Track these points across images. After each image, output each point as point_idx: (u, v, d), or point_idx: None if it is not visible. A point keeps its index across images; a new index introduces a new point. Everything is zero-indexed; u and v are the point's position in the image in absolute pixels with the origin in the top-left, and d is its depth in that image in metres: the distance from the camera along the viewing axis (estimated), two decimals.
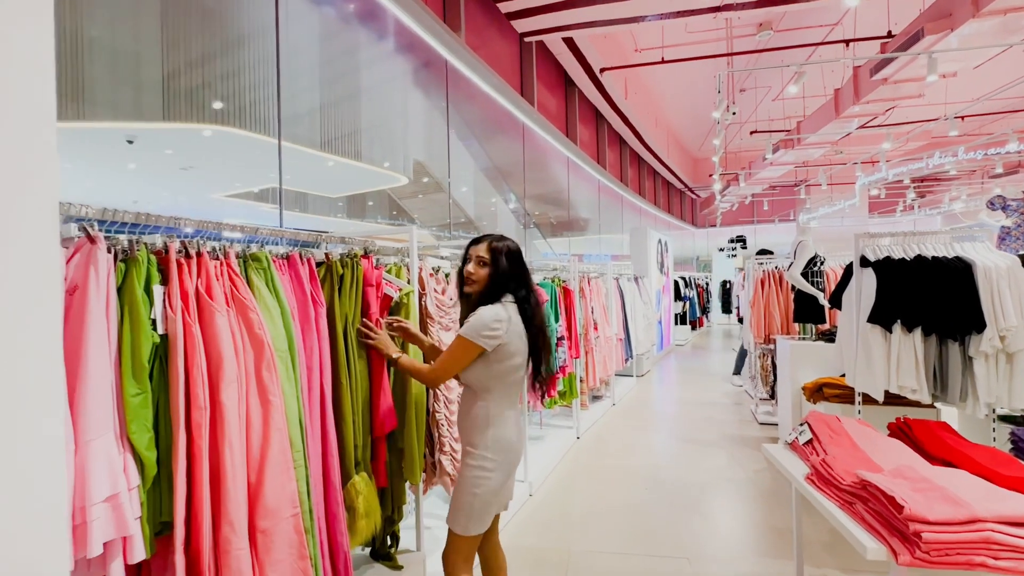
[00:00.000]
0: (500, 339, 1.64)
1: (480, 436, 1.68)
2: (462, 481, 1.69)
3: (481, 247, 1.74)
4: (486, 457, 1.66)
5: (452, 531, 1.69)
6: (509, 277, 1.72)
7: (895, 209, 14.15)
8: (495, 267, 1.71)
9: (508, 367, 1.67)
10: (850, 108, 6.23)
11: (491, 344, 1.63)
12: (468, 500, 1.65)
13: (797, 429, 2.04)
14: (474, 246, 1.77)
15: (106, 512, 1.06)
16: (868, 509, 1.41)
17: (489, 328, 1.63)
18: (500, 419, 1.69)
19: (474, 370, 1.68)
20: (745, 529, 2.99)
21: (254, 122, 3.20)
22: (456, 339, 1.65)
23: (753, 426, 5.14)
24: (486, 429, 1.67)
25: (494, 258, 1.72)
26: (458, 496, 1.68)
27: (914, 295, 2.70)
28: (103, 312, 1.10)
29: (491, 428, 1.68)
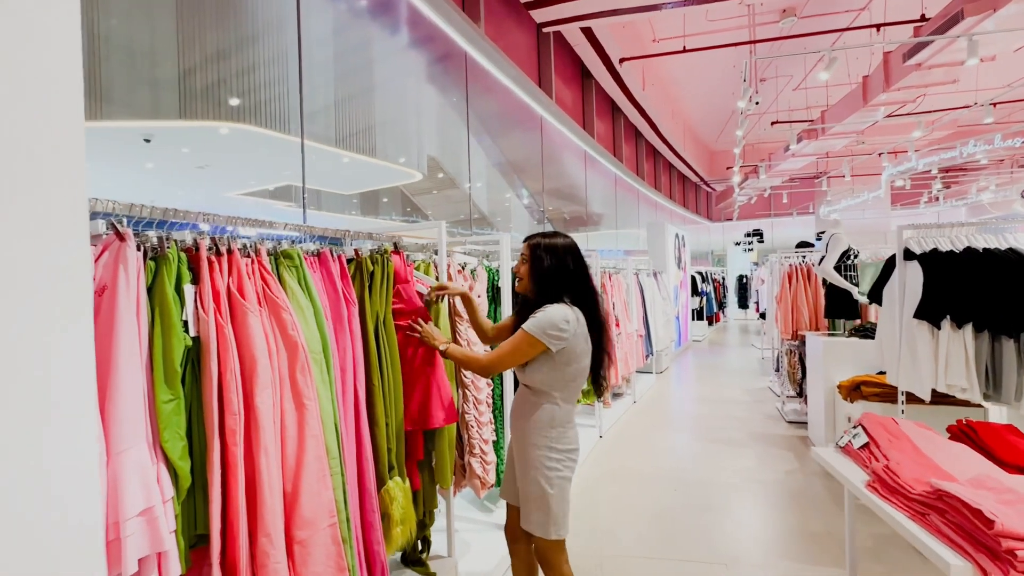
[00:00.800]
0: (565, 342, 1.60)
1: (546, 437, 1.64)
2: (532, 485, 1.63)
3: (524, 245, 1.75)
4: (553, 458, 1.64)
5: (544, 539, 1.64)
6: (556, 275, 1.67)
7: (919, 201, 13.77)
8: (534, 263, 1.69)
9: (575, 370, 1.65)
10: (879, 96, 6.01)
11: (556, 345, 1.59)
12: (545, 502, 1.62)
13: (850, 432, 1.93)
14: (524, 244, 1.76)
15: (140, 527, 1.00)
16: (946, 521, 1.30)
17: (556, 328, 1.58)
18: (566, 419, 1.68)
19: (540, 371, 1.63)
20: (782, 534, 2.88)
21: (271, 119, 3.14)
22: (520, 333, 1.60)
23: (780, 424, 5.00)
24: (551, 430, 1.65)
25: (533, 255, 1.70)
26: (532, 500, 1.64)
27: (964, 289, 2.56)
28: (133, 314, 1.03)
29: (557, 428, 1.65)
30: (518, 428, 1.71)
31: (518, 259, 1.77)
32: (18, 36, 0.68)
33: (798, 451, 4.22)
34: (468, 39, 4.13)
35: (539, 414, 1.65)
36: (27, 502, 0.68)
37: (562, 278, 1.67)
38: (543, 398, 1.66)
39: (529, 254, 1.71)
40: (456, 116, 5.05)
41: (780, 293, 5.27)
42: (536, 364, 1.63)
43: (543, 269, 1.67)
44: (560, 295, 1.66)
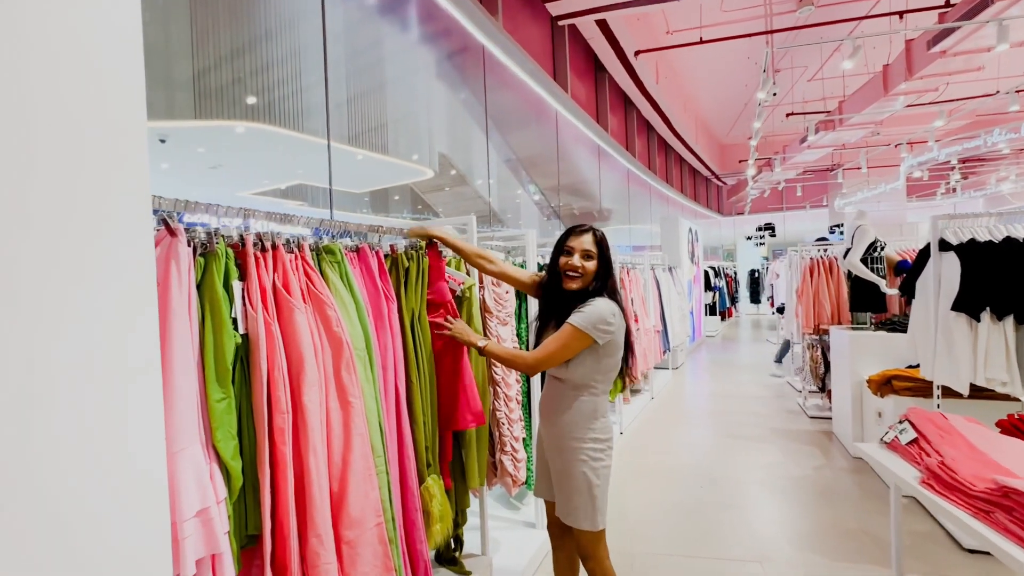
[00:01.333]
0: (612, 335, 1.60)
1: (588, 429, 1.64)
2: (578, 478, 1.62)
3: (586, 239, 1.66)
4: (598, 448, 1.64)
5: (586, 531, 1.63)
6: (611, 271, 1.69)
7: (935, 192, 13.54)
8: (603, 260, 1.66)
9: (615, 362, 1.66)
10: (900, 85, 5.89)
11: (603, 339, 1.58)
12: (591, 493, 1.61)
13: (896, 427, 1.88)
14: (575, 237, 1.67)
15: (197, 528, 0.98)
16: (1014, 520, 1.26)
17: (605, 323, 1.57)
18: (605, 409, 1.69)
19: (583, 365, 1.61)
20: (815, 530, 2.83)
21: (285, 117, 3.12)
22: (568, 328, 1.57)
23: (802, 420, 4.94)
24: (594, 421, 1.65)
25: (601, 251, 1.67)
26: (575, 493, 1.63)
27: (1005, 280, 2.49)
28: (186, 310, 1.01)
29: (600, 419, 1.66)
30: (556, 423, 1.68)
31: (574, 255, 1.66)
32: (89, 38, 0.66)
33: (823, 447, 4.16)
34: (486, 33, 4.08)
35: (580, 407, 1.64)
36: (102, 500, 0.66)
37: (610, 271, 1.69)
38: (583, 391, 1.64)
39: (598, 251, 1.66)
40: (467, 113, 5.00)
41: (801, 287, 5.18)
42: (579, 358, 1.61)
43: (608, 264, 1.67)
44: (603, 291, 1.65)
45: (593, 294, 1.63)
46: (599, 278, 1.65)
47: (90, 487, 0.65)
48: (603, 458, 1.64)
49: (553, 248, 1.74)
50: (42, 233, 0.61)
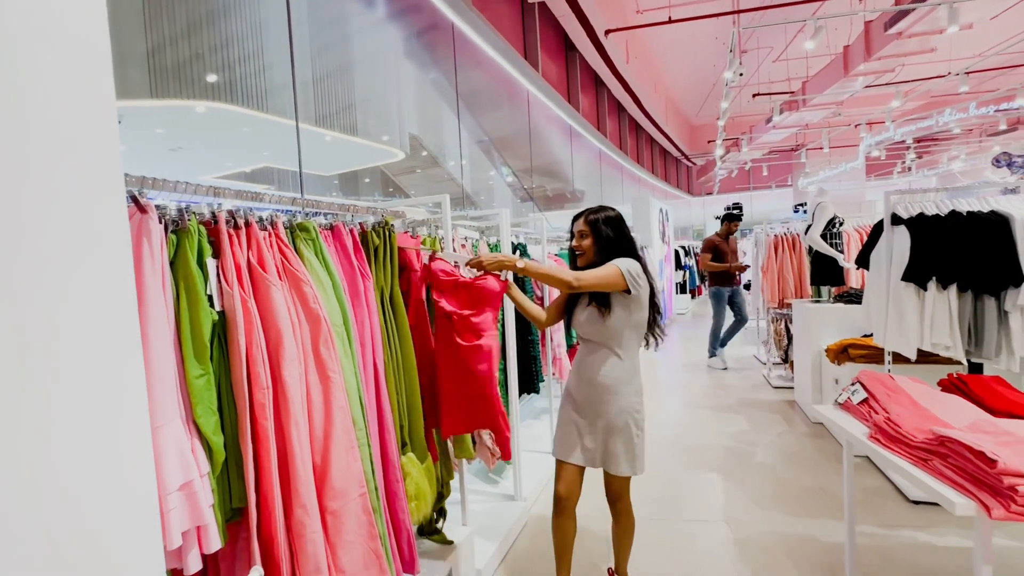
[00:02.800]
0: (640, 288, 1.80)
1: (631, 384, 1.84)
2: (625, 431, 1.81)
3: (579, 222, 1.91)
4: (639, 401, 1.85)
5: (626, 477, 1.86)
6: (616, 242, 1.87)
7: (892, 171, 14.11)
8: (596, 235, 1.87)
9: (641, 318, 1.85)
10: (859, 66, 6.08)
11: (635, 288, 1.78)
12: (634, 442, 1.82)
13: (848, 389, 2.01)
14: (575, 222, 1.93)
15: (181, 501, 0.99)
16: (948, 465, 1.38)
17: (637, 272, 1.79)
18: (638, 366, 1.89)
19: (618, 317, 1.80)
20: (778, 491, 3.01)
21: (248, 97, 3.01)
22: (610, 266, 1.77)
23: (767, 390, 5.17)
24: (634, 376, 1.86)
25: (593, 228, 1.88)
26: (620, 442, 1.82)
27: (950, 251, 2.65)
28: (160, 288, 1.01)
29: (637, 375, 1.87)
30: (596, 384, 1.83)
31: (574, 237, 1.92)
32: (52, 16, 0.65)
33: (786, 414, 4.38)
34: (456, 9, 4.02)
35: (621, 365, 1.83)
36: (90, 471, 0.67)
37: (622, 243, 1.87)
38: (619, 349, 1.83)
39: (589, 229, 1.88)
40: (438, 93, 4.93)
41: (766, 263, 5.38)
42: (615, 311, 1.80)
43: (607, 239, 1.86)
44: (616, 256, 1.85)
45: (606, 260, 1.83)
46: (601, 252, 1.86)
47: (79, 464, 0.66)
48: (642, 410, 1.86)
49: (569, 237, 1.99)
50: (14, 211, 0.61)
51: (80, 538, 0.66)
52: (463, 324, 1.82)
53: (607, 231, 1.86)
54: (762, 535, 2.52)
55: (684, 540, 2.51)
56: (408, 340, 1.79)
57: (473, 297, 1.82)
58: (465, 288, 1.83)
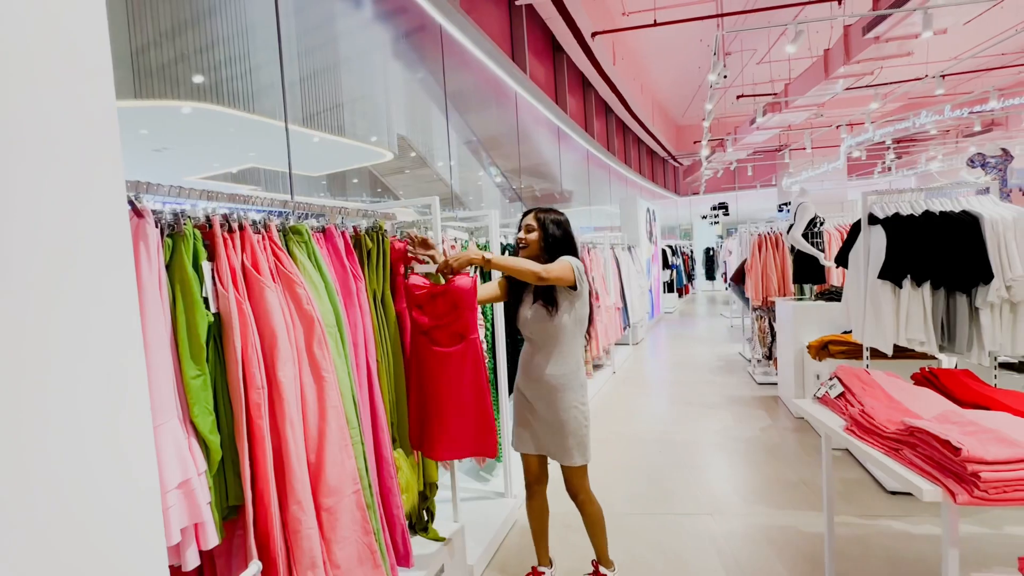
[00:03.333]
0: (584, 284, 1.89)
1: (576, 378, 1.94)
2: (569, 422, 1.92)
3: (529, 216, 2.01)
4: (582, 395, 1.96)
5: (575, 467, 1.95)
6: (562, 242, 1.97)
7: (873, 171, 14.42)
8: (544, 231, 1.96)
9: (585, 313, 1.96)
10: (839, 69, 6.22)
11: (580, 284, 1.87)
12: (582, 433, 1.94)
13: (826, 384, 2.08)
14: (525, 216, 2.02)
15: (179, 499, 1.02)
16: (917, 454, 1.45)
17: (581, 270, 1.89)
18: (581, 361, 1.99)
19: (566, 313, 1.91)
20: (760, 484, 3.09)
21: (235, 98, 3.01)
22: (563, 261, 1.85)
23: (751, 386, 5.28)
24: (579, 370, 1.96)
25: (542, 224, 1.97)
26: (570, 436, 1.93)
27: (923, 250, 2.74)
28: (156, 291, 1.03)
29: (580, 370, 1.97)
30: (542, 380, 1.93)
31: (521, 229, 2.01)
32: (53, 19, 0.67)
33: (770, 409, 4.48)
34: (443, 11, 4.05)
35: (567, 361, 1.93)
36: (94, 468, 0.70)
37: (566, 244, 1.98)
38: (564, 346, 1.92)
39: (537, 224, 1.97)
40: (426, 94, 4.94)
41: (751, 261, 5.49)
42: (562, 307, 1.89)
43: (553, 237, 1.96)
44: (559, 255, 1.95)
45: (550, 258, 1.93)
46: (546, 248, 1.96)
47: (82, 462, 0.68)
48: (587, 402, 1.98)
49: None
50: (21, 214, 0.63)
51: (84, 534, 0.69)
52: (445, 332, 1.82)
53: (554, 230, 1.96)
54: (746, 527, 2.59)
55: (671, 533, 2.57)
56: (398, 340, 1.82)
57: (449, 302, 1.81)
58: (441, 295, 1.83)
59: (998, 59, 8.74)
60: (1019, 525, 2.46)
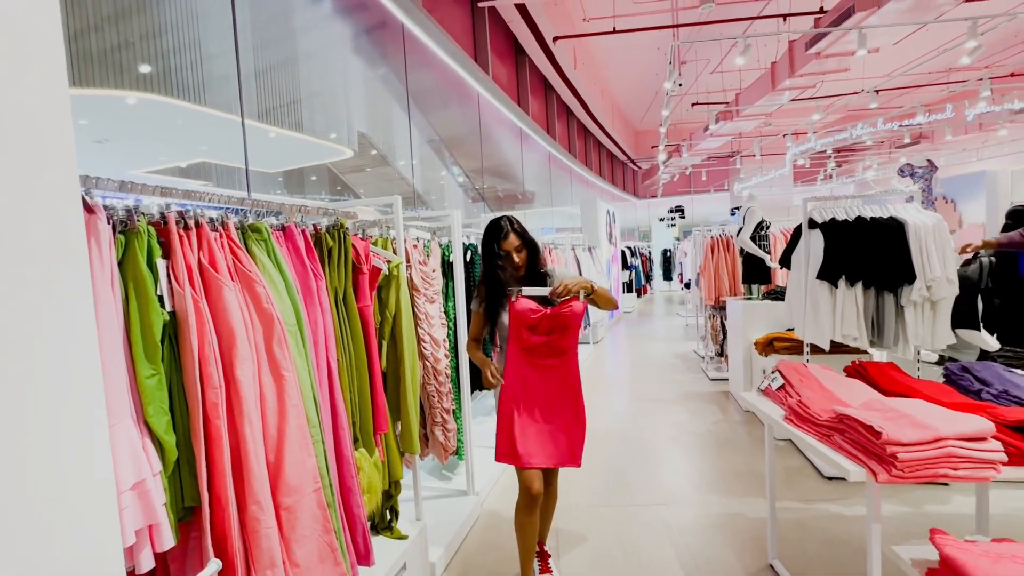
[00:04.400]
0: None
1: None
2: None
3: (512, 238, 2.01)
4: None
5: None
6: (536, 245, 2.07)
7: (816, 178, 15.29)
8: (530, 248, 2.04)
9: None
10: (784, 81, 6.59)
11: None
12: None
13: (769, 377, 2.23)
14: (504, 241, 2.01)
15: (134, 500, 1.00)
16: (845, 439, 1.59)
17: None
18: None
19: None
20: (710, 474, 3.25)
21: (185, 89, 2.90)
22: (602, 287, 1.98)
23: (705, 382, 5.52)
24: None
25: (527, 242, 2.04)
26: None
27: (856, 253, 2.97)
28: (109, 289, 1.01)
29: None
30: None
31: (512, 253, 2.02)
32: None
33: (722, 404, 4.70)
34: (405, 10, 4.03)
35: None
36: (50, 469, 0.69)
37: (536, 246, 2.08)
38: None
39: (523, 243, 2.03)
40: (388, 91, 4.90)
41: (703, 263, 5.73)
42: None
43: (534, 249, 2.05)
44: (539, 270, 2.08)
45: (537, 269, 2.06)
46: (532, 259, 2.05)
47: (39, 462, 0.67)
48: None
49: (484, 248, 2.05)
50: None
51: (41, 535, 0.68)
52: (549, 349, 1.97)
53: (531, 238, 2.04)
54: (697, 515, 2.73)
55: (627, 524, 2.67)
56: (360, 338, 1.82)
57: (559, 323, 1.95)
58: (550, 319, 1.95)
59: (926, 77, 9.48)
60: (938, 504, 2.70)
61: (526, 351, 1.98)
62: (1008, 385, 1.85)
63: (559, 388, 2.00)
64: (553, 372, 1.99)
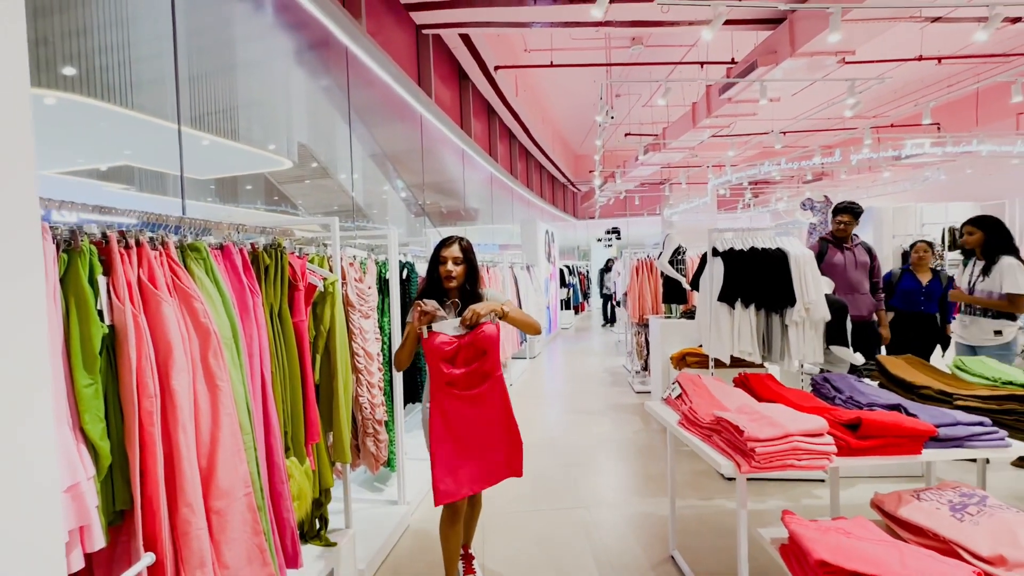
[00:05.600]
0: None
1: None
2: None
3: (453, 248, 2.08)
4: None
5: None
6: (477, 271, 2.15)
7: (736, 207, 16.70)
8: (469, 264, 2.09)
9: None
10: (703, 120, 7.30)
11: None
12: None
13: (670, 387, 2.53)
14: (446, 248, 2.09)
15: (68, 502, 1.07)
16: (722, 439, 1.88)
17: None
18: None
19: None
20: (628, 478, 3.54)
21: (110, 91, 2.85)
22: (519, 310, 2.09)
23: (630, 395, 5.89)
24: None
25: (467, 257, 2.09)
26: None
27: (749, 278, 3.40)
28: (52, 304, 1.08)
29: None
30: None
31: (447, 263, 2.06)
32: None
33: (643, 415, 5.06)
34: (349, 35, 4.15)
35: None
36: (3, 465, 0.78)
37: (477, 273, 2.16)
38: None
39: (463, 256, 2.08)
40: (330, 104, 4.95)
41: (630, 283, 6.17)
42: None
43: (474, 267, 2.11)
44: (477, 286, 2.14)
45: (464, 295, 2.07)
46: (468, 280, 2.09)
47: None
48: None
49: (431, 258, 2.11)
50: None
51: None
52: (472, 377, 1.98)
53: (475, 260, 2.12)
54: (612, 515, 2.98)
55: (549, 526, 2.87)
56: (294, 352, 1.92)
57: (477, 349, 1.97)
58: (467, 346, 1.96)
59: (825, 122, 10.76)
60: (813, 499, 3.11)
61: (449, 385, 1.97)
62: (855, 392, 2.25)
63: (489, 413, 2.02)
64: (481, 399, 2.00)
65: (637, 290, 6.02)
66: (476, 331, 1.95)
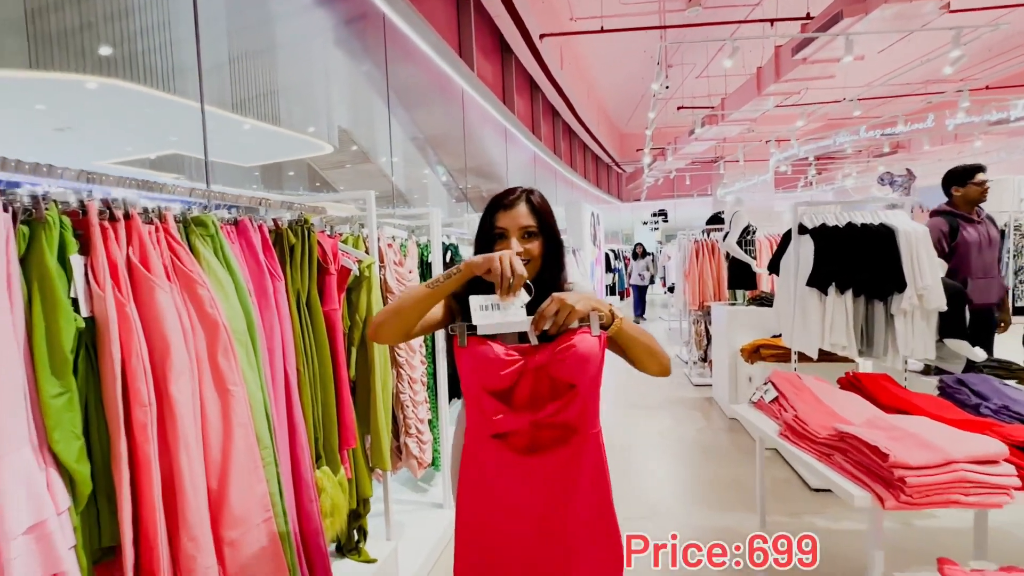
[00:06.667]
0: None
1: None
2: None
3: (519, 210, 1.14)
4: None
5: None
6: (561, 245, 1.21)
7: (797, 185, 15.53)
8: (547, 235, 1.16)
9: None
10: (770, 86, 6.60)
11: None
12: None
13: (761, 388, 2.13)
14: (505, 211, 1.15)
15: (28, 546, 0.83)
16: (848, 459, 1.48)
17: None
18: None
19: None
20: (696, 484, 3.16)
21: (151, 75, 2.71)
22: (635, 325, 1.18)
23: (688, 388, 5.45)
24: None
25: (542, 222, 1.16)
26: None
27: (846, 259, 2.90)
28: (4, 290, 0.83)
29: None
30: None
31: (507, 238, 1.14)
32: None
33: (705, 411, 4.63)
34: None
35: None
36: None
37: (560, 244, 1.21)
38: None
39: (537, 221, 1.15)
40: (370, 86, 4.73)
41: (688, 267, 5.67)
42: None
43: (555, 243, 1.19)
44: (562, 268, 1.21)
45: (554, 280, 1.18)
46: (550, 262, 1.18)
47: None
48: None
49: (478, 230, 1.20)
50: None
51: None
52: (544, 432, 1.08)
53: (555, 227, 1.20)
54: (683, 529, 2.62)
55: None
56: (326, 346, 1.66)
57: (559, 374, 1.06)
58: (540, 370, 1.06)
59: (904, 87, 9.65)
60: (926, 519, 2.64)
61: (498, 439, 1.08)
62: (1006, 400, 1.78)
63: (570, 504, 1.08)
64: (558, 474, 1.08)
65: (697, 274, 5.53)
66: (560, 342, 1.04)
